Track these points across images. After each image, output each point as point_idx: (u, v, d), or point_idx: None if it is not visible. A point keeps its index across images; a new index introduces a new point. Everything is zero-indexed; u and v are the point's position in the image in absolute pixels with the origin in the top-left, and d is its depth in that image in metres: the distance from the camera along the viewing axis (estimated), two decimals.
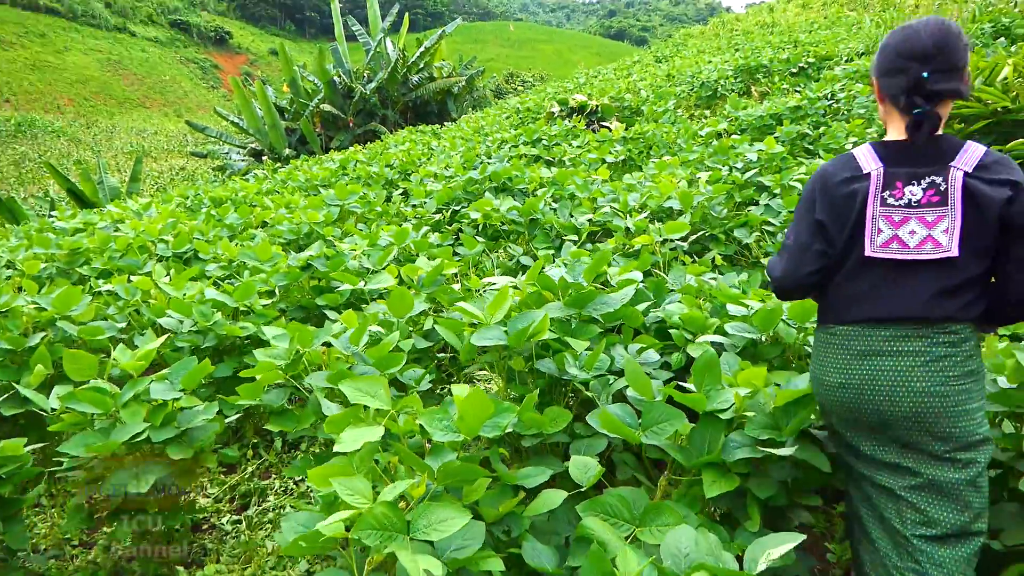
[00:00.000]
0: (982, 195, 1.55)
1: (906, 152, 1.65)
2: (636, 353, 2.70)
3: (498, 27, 78.47)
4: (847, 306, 1.72)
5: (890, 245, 1.63)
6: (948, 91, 1.59)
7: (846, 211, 1.68)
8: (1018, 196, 1.54)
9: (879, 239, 1.64)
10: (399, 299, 2.84)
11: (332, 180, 8.36)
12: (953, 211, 1.57)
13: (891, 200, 1.64)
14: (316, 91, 25.34)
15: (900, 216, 1.62)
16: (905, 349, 1.63)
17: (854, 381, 1.68)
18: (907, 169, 1.63)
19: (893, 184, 1.64)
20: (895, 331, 1.64)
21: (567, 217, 4.82)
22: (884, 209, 1.64)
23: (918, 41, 1.61)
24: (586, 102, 11.38)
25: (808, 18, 25.97)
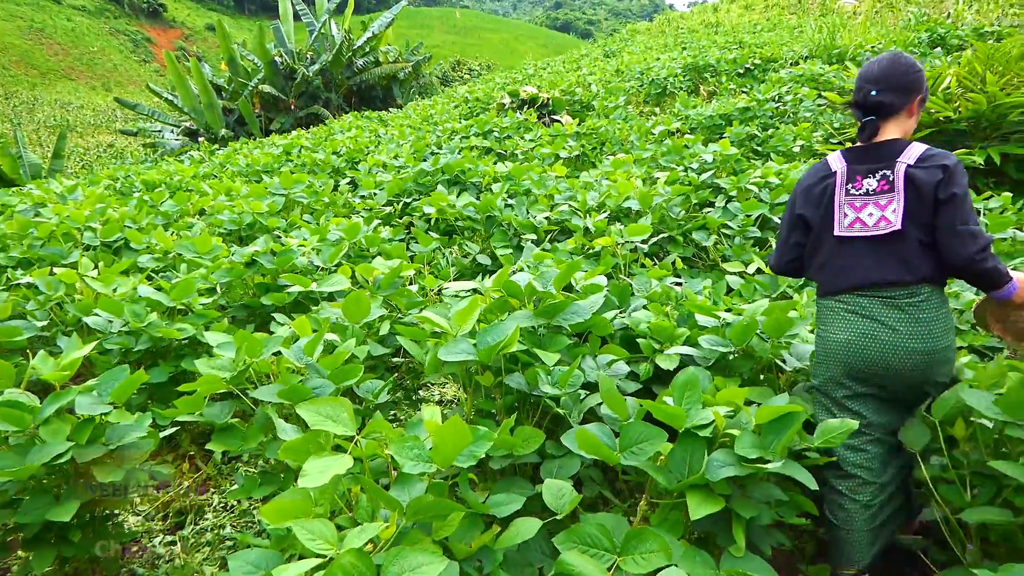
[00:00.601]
0: (920, 180, 1.99)
1: (865, 153, 2.14)
2: (606, 365, 2.59)
3: (444, 13, 77.52)
4: (833, 279, 2.18)
5: (854, 226, 2.11)
6: (886, 104, 2.08)
7: (821, 201, 2.19)
8: (946, 176, 1.97)
9: (845, 221, 2.13)
10: (355, 304, 2.65)
11: (275, 166, 8.00)
12: (898, 195, 2.03)
13: (853, 191, 2.12)
14: (256, 71, 24.45)
15: (860, 203, 2.10)
16: (895, 316, 2.04)
17: (855, 336, 2.09)
18: (865, 166, 2.11)
19: (854, 178, 2.13)
20: (885, 296, 2.06)
21: (524, 214, 4.69)
22: (848, 198, 2.13)
23: (870, 69, 2.16)
24: (537, 94, 11.25)
25: (751, 19, 26.52)
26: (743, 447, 1.77)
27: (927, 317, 2.02)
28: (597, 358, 2.64)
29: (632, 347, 2.98)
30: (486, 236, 4.64)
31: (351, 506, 1.75)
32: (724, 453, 1.80)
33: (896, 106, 2.09)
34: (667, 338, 2.85)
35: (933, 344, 2.01)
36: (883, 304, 2.05)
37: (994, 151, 6.16)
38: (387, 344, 2.96)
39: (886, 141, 2.09)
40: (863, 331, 2.07)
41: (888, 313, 2.05)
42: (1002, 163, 6.13)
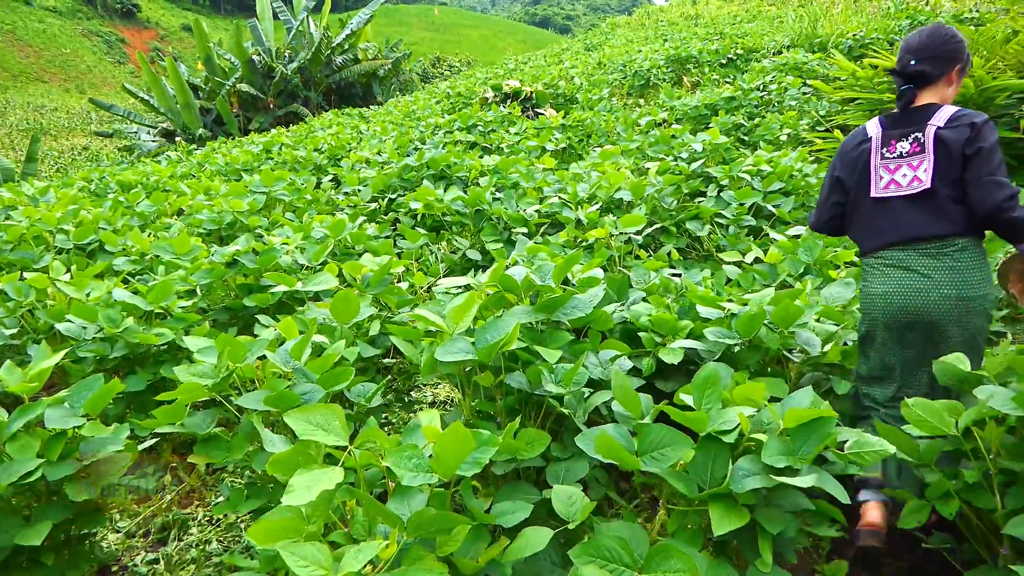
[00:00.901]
0: (949, 140, 2.09)
1: (900, 118, 2.24)
2: (609, 361, 2.48)
3: (423, 11, 77.00)
4: (871, 238, 2.29)
5: (889, 187, 2.22)
6: (923, 73, 2.19)
7: (857, 164, 2.31)
8: (972, 132, 2.06)
9: (881, 184, 2.24)
10: (344, 303, 2.52)
11: (255, 164, 7.80)
12: (928, 156, 2.13)
13: (887, 154, 2.23)
14: (233, 70, 24.07)
15: (895, 165, 2.21)
16: (932, 265, 2.13)
17: (895, 289, 2.18)
18: (899, 130, 2.22)
19: (888, 142, 2.24)
20: (923, 248, 2.15)
21: (514, 208, 4.56)
22: (883, 161, 2.24)
23: (911, 40, 2.28)
24: (520, 88, 11.12)
25: (730, 11, 26.50)
26: (770, 455, 1.66)
27: (962, 266, 2.10)
28: (599, 354, 2.52)
29: (632, 341, 2.87)
30: (475, 231, 4.52)
31: (347, 520, 1.62)
32: (750, 461, 1.69)
33: (934, 75, 2.20)
34: (669, 331, 2.75)
35: (967, 291, 2.09)
36: (919, 254, 2.15)
37: None
38: (378, 345, 2.82)
39: (920, 106, 2.20)
40: (900, 281, 2.17)
41: (924, 262, 2.14)
42: None
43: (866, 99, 7.19)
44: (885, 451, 1.75)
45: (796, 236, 3.98)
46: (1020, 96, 6.39)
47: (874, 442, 1.78)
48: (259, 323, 2.86)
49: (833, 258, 3.59)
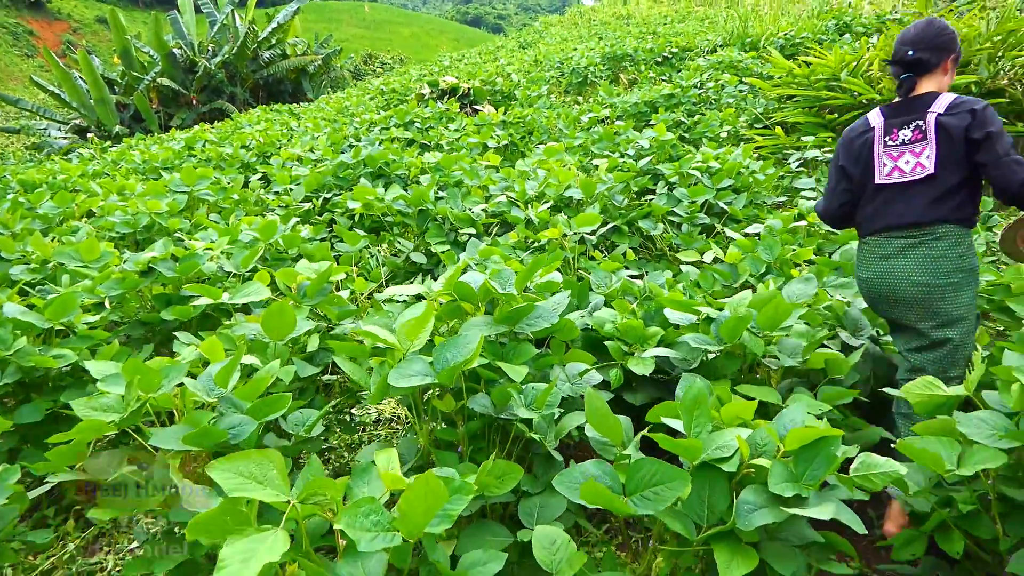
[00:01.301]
0: (950, 126, 2.16)
1: (901, 107, 2.32)
2: (577, 376, 2.25)
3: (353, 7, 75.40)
4: (870, 221, 2.39)
5: (893, 174, 2.30)
6: (921, 61, 2.26)
7: (861, 154, 2.39)
8: (974, 119, 2.12)
9: (884, 171, 2.33)
10: (278, 317, 2.21)
11: (176, 162, 7.26)
12: (931, 142, 2.20)
13: (890, 142, 2.31)
14: (153, 64, 22.86)
15: (897, 152, 2.29)
16: (908, 254, 2.26)
17: (876, 275, 2.34)
18: (900, 119, 2.30)
19: (891, 131, 2.32)
20: (904, 236, 2.27)
21: (460, 207, 4.30)
22: (886, 149, 2.33)
23: (907, 32, 2.35)
24: (457, 84, 10.84)
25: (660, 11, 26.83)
26: (777, 483, 1.46)
27: (936, 254, 2.22)
28: (566, 367, 2.30)
29: (596, 350, 2.66)
30: (419, 232, 4.23)
31: None
32: (754, 492, 1.49)
33: (931, 63, 2.27)
34: (637, 339, 2.55)
35: (934, 278, 2.22)
36: (901, 244, 2.28)
37: None
38: (317, 361, 2.52)
39: (920, 95, 2.27)
40: (881, 269, 2.33)
41: (901, 251, 2.28)
42: None
43: (803, 96, 7.23)
44: (895, 474, 1.58)
45: (755, 234, 3.85)
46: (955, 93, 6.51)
47: (882, 464, 1.61)
48: (178, 340, 2.52)
49: (793, 256, 3.47)
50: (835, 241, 3.95)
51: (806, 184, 5.33)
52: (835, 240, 3.96)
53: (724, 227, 4.48)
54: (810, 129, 6.59)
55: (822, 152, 5.82)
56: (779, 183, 5.66)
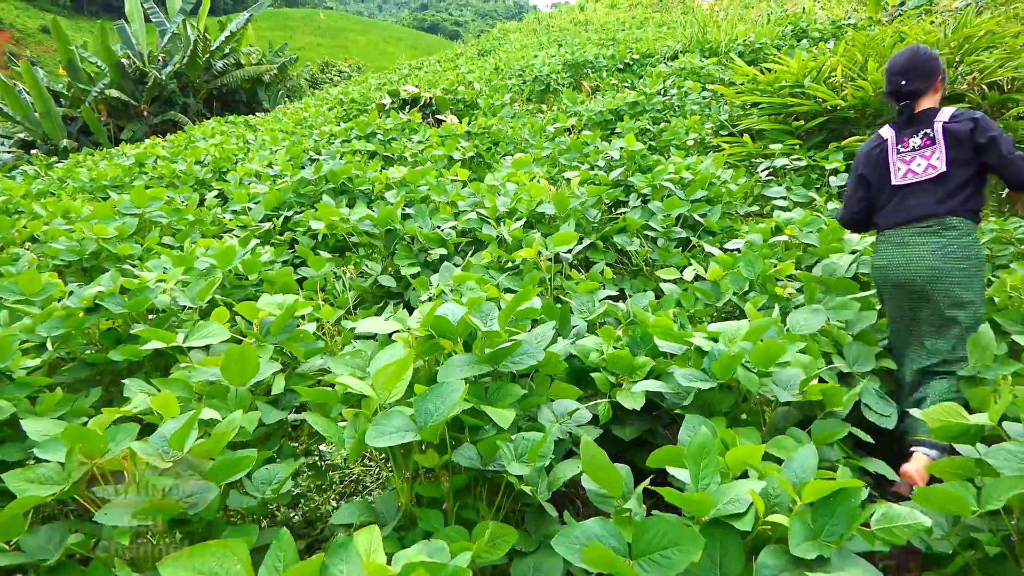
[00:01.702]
0: (957, 131, 2.54)
1: (909, 122, 2.69)
2: (567, 415, 2.11)
3: (307, 15, 74.51)
4: (888, 217, 2.70)
5: (907, 176, 2.65)
6: (915, 91, 2.65)
7: (877, 162, 2.74)
8: (976, 126, 2.51)
9: (899, 174, 2.67)
10: (239, 362, 2.02)
11: (126, 180, 6.94)
12: (940, 146, 2.57)
13: (902, 149, 2.67)
14: (100, 75, 22.13)
15: (909, 157, 2.65)
16: (922, 241, 2.56)
17: (891, 262, 2.65)
18: (910, 130, 2.66)
19: (902, 140, 2.68)
20: (916, 227, 2.59)
21: (429, 226, 4.13)
22: (898, 156, 2.68)
23: (896, 62, 2.71)
24: (419, 94, 10.65)
25: (617, 17, 26.99)
26: (798, 543, 1.33)
27: (946, 241, 2.52)
28: (553, 405, 2.15)
29: (581, 380, 2.52)
30: (387, 253, 4.04)
31: None
32: (773, 555, 1.36)
33: (923, 89, 2.65)
34: (626, 370, 2.42)
35: (945, 263, 2.51)
36: (916, 233, 2.59)
37: None
38: (283, 404, 2.33)
39: (922, 111, 2.65)
40: (894, 255, 2.63)
41: (917, 239, 2.58)
42: None
43: (768, 103, 7.23)
44: (919, 526, 1.47)
45: (735, 250, 3.76)
46: None
47: (904, 514, 1.50)
48: (127, 386, 2.30)
49: (775, 273, 3.39)
50: (814, 254, 3.89)
51: (776, 192, 5.29)
52: (814, 253, 3.89)
53: (700, 240, 4.39)
54: (777, 136, 6.58)
55: (791, 160, 5.79)
56: (748, 191, 5.62)
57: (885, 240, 2.69)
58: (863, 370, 2.58)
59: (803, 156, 5.80)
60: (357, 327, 2.19)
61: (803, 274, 3.49)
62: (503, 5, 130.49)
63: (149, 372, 2.79)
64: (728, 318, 3.49)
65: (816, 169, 5.73)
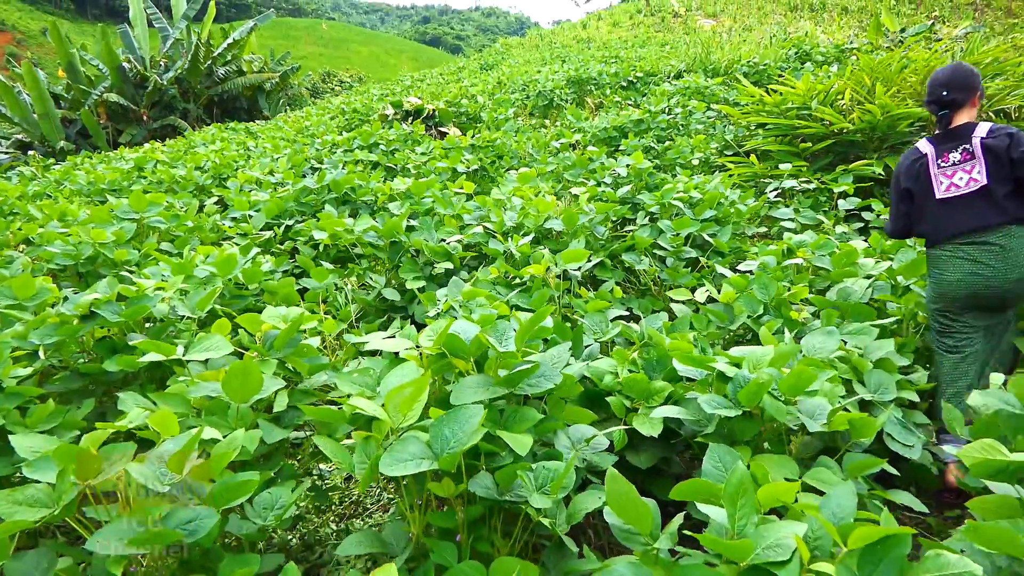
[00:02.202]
0: (994, 146, 2.65)
1: (945, 136, 2.80)
2: (584, 442, 2.01)
3: (310, 25, 74.78)
4: (939, 232, 2.79)
5: (950, 190, 2.75)
6: (955, 100, 2.75)
7: (919, 176, 2.84)
8: (1011, 140, 2.62)
9: (941, 188, 2.77)
10: (241, 378, 1.92)
11: (125, 184, 6.84)
12: (980, 160, 2.68)
13: (942, 164, 2.77)
14: (101, 78, 22.08)
15: (951, 171, 2.74)
16: (990, 256, 2.65)
17: (964, 275, 2.70)
18: (948, 145, 2.77)
19: (941, 155, 2.78)
20: (974, 241, 2.68)
21: (435, 239, 4.04)
22: (940, 170, 2.78)
23: (939, 75, 2.83)
24: (422, 105, 10.61)
25: (619, 36, 27.16)
26: None
27: (1008, 248, 2.62)
28: (570, 431, 2.06)
29: (593, 403, 2.43)
30: (391, 265, 3.95)
31: None
32: None
33: (962, 101, 2.77)
34: (642, 394, 2.33)
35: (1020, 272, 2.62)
36: (978, 249, 2.67)
37: (891, 161, 6.20)
38: (285, 422, 2.23)
39: (961, 125, 2.76)
40: (969, 271, 2.69)
41: (983, 255, 2.66)
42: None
43: (774, 124, 7.19)
44: (970, 574, 1.38)
45: (747, 272, 3.68)
46: (922, 123, 6.55)
47: (955, 562, 1.40)
48: (121, 399, 2.19)
49: (790, 296, 3.31)
50: (826, 278, 3.81)
51: (784, 214, 5.22)
52: (826, 277, 3.82)
53: (709, 261, 4.32)
54: (784, 157, 6.53)
55: (799, 182, 5.73)
56: (755, 212, 5.56)
57: (949, 254, 2.75)
58: (885, 398, 2.49)
59: (811, 178, 5.74)
60: (367, 343, 2.09)
61: (817, 298, 3.41)
62: (504, 21, 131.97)
63: (144, 384, 2.69)
64: (741, 341, 3.41)
65: (824, 192, 5.68)
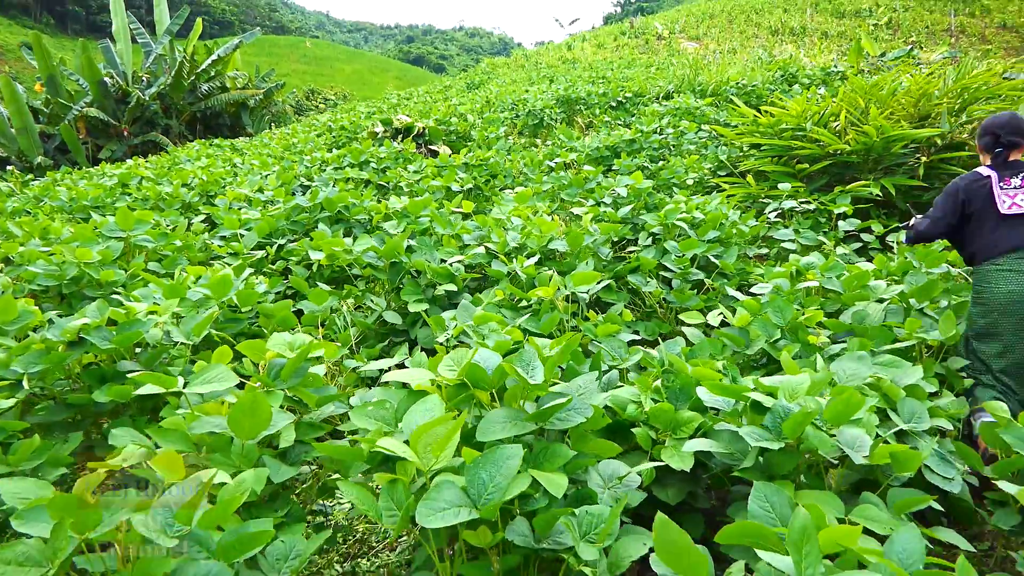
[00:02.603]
0: None
1: (1006, 166, 3.15)
2: (617, 480, 1.89)
3: (293, 43, 74.74)
4: (996, 245, 3.04)
5: (1013, 208, 3.03)
6: (1011, 143, 3.15)
7: (980, 194, 3.14)
8: None
9: (1005, 206, 3.05)
10: (251, 413, 1.78)
11: (109, 201, 6.64)
12: None
13: (1004, 186, 3.09)
14: (82, 93, 21.82)
15: (1013, 192, 3.06)
16: None
17: (1018, 287, 2.93)
18: (1009, 172, 3.12)
19: (1004, 179, 3.11)
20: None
21: (435, 259, 3.91)
22: (1003, 191, 3.08)
23: (996, 120, 3.26)
24: (412, 123, 10.52)
25: (604, 57, 27.37)
26: None
27: None
28: (600, 467, 1.93)
29: (615, 434, 2.31)
30: (392, 287, 3.82)
31: None
32: None
33: (1017, 143, 3.17)
34: (669, 425, 2.21)
35: None
36: None
37: (887, 182, 6.18)
38: (292, 459, 2.08)
39: (1018, 159, 3.17)
40: (1020, 283, 2.94)
41: None
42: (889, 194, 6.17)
43: (769, 145, 7.17)
44: None
45: (759, 295, 3.59)
46: (915, 145, 6.56)
47: None
48: (114, 435, 2.03)
49: (805, 320, 3.22)
50: (836, 301, 3.73)
51: (785, 235, 5.16)
52: (836, 300, 3.74)
53: (714, 282, 4.23)
54: (781, 178, 6.49)
55: (799, 203, 5.69)
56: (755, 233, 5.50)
57: (999, 269, 3.00)
58: (920, 427, 2.39)
59: (812, 199, 5.70)
60: (381, 372, 1.95)
61: (832, 321, 3.33)
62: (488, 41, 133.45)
63: (135, 415, 2.52)
64: (757, 367, 3.31)
65: (823, 213, 5.64)
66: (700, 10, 32.33)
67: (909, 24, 23.00)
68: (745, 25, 27.30)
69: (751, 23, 27.30)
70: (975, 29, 21.96)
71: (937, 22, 23.10)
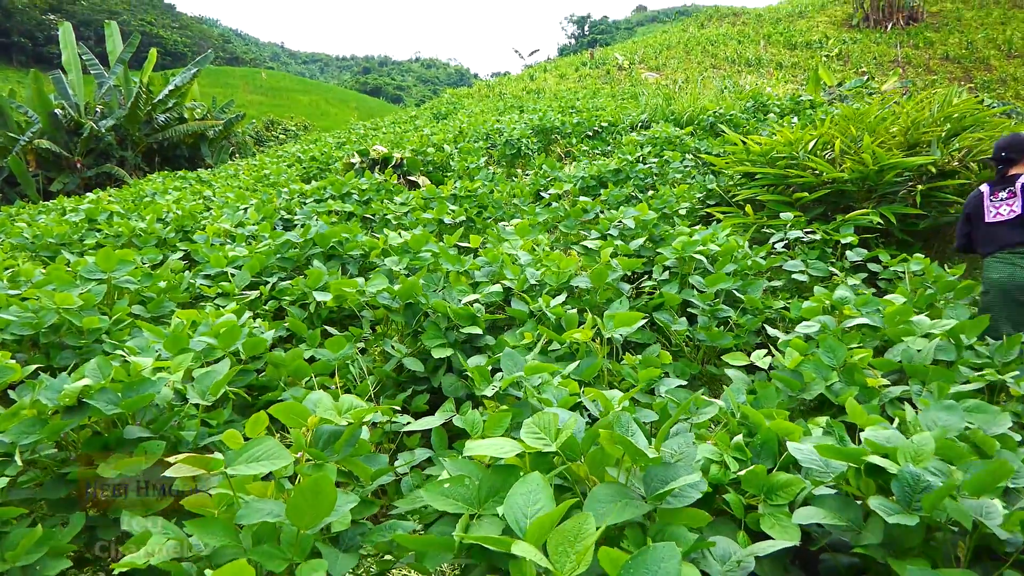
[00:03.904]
0: None
1: (1001, 182, 3.98)
2: (735, 564, 1.64)
3: (248, 73, 74.08)
4: (986, 245, 3.98)
5: (996, 216, 3.92)
6: (1010, 159, 3.97)
7: (976, 207, 4.07)
8: None
9: (990, 215, 3.95)
10: (313, 498, 1.48)
11: (76, 238, 6.19)
12: (1018, 198, 3.84)
13: (993, 199, 3.96)
14: (30, 124, 21.01)
15: (998, 204, 3.92)
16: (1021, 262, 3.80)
17: (1005, 276, 3.82)
18: (1000, 187, 3.95)
19: (994, 193, 3.98)
20: (1016, 252, 3.82)
21: (453, 299, 3.64)
22: (990, 203, 3.97)
23: (1001, 141, 4.05)
24: (389, 154, 10.27)
25: (568, 87, 27.59)
26: None
27: None
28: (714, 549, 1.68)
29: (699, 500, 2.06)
30: (408, 331, 3.53)
31: None
32: None
33: (1015, 159, 3.94)
34: (762, 490, 1.97)
35: None
36: (1014, 254, 3.81)
37: (887, 210, 6.15)
38: (346, 542, 1.78)
39: (1012, 175, 3.89)
40: (1009, 272, 3.80)
41: (1019, 260, 3.78)
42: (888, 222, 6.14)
43: (763, 174, 7.11)
44: None
45: (806, 335, 3.41)
46: (909, 174, 6.56)
47: None
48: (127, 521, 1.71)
49: (860, 361, 3.03)
50: (873, 337, 3.58)
51: (795, 267, 5.03)
52: (872, 336, 3.58)
53: (740, 319, 4.05)
54: (779, 208, 6.41)
55: (805, 233, 5.59)
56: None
57: (997, 261, 3.86)
58: (1019, 484, 2.20)
59: (817, 229, 5.61)
60: (466, 449, 1.68)
61: (880, 360, 3.16)
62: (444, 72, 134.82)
63: None
64: (810, 412, 3.11)
65: (829, 243, 5.54)
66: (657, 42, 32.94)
67: (858, 56, 23.71)
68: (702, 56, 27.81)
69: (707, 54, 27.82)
70: (920, 60, 22.75)
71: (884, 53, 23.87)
